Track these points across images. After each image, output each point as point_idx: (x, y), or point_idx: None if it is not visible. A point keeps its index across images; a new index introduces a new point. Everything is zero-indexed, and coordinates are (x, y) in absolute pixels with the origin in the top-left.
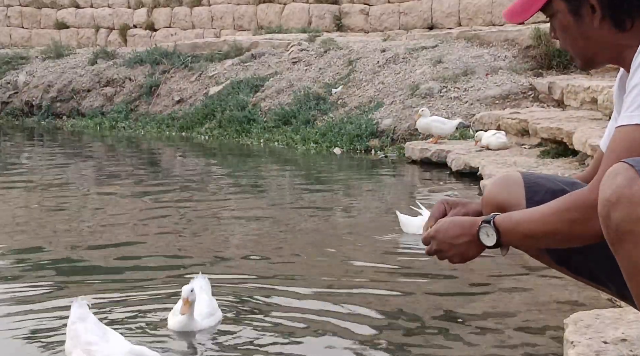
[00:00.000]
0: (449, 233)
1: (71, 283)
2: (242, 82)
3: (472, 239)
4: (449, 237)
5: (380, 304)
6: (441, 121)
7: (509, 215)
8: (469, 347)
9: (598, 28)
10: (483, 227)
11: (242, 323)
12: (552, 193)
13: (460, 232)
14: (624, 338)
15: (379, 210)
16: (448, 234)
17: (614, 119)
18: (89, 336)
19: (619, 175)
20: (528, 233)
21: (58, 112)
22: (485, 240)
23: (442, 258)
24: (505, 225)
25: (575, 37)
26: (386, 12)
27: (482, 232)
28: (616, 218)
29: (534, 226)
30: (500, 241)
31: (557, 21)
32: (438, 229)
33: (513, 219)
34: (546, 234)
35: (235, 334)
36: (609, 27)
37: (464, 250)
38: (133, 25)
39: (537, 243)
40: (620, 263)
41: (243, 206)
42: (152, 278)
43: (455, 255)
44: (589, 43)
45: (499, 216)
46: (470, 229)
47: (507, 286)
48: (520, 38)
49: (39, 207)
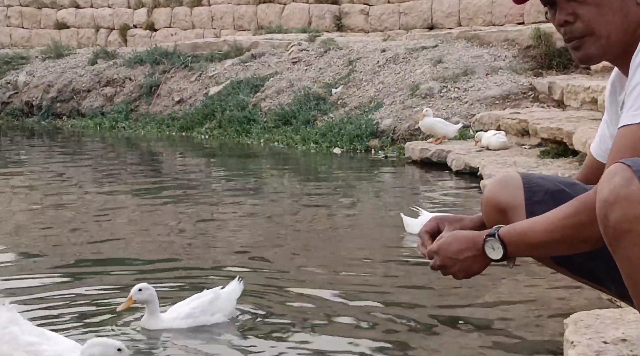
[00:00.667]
0: (451, 248)
1: (67, 283)
2: (242, 82)
3: (478, 253)
4: (452, 252)
5: (380, 303)
6: (444, 122)
7: (513, 227)
8: (468, 347)
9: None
10: (488, 241)
11: (241, 322)
12: (551, 193)
13: (465, 246)
14: (624, 338)
15: (379, 210)
16: (451, 250)
17: (604, 122)
18: (29, 338)
19: (616, 175)
20: (535, 243)
21: (58, 112)
22: (491, 254)
23: (446, 273)
24: (510, 237)
25: (614, 11)
26: (386, 12)
27: (487, 246)
28: (614, 218)
29: (540, 236)
30: (507, 254)
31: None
32: (440, 245)
33: (517, 230)
34: (553, 242)
35: (235, 333)
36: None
37: (469, 265)
38: (133, 26)
39: (544, 251)
40: (619, 262)
41: (243, 205)
42: (149, 277)
43: (460, 270)
44: (625, 21)
45: (503, 229)
46: (475, 243)
47: (507, 286)
48: (520, 38)
49: (38, 207)
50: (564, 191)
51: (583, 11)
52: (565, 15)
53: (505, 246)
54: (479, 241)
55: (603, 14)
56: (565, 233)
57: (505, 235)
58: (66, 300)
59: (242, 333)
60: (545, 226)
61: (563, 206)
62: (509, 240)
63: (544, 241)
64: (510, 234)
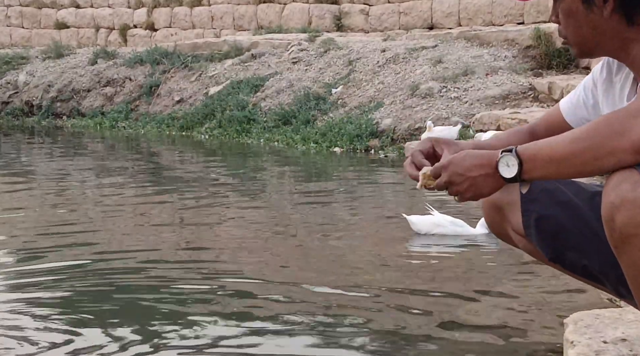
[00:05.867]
0: (465, 164)
1: (66, 283)
2: (242, 82)
3: (490, 171)
4: (464, 168)
5: (379, 303)
6: (446, 129)
7: (533, 142)
8: (468, 347)
9: (607, 19)
10: (504, 156)
11: (242, 320)
12: (547, 191)
13: (478, 162)
14: (624, 338)
15: (379, 210)
16: (464, 165)
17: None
18: None
19: (623, 180)
20: (555, 156)
21: (58, 112)
22: (504, 171)
23: (454, 192)
24: (528, 152)
25: (580, 25)
26: (386, 12)
27: (502, 162)
28: (620, 221)
29: (562, 147)
30: (521, 172)
31: (563, 4)
32: (452, 159)
33: (538, 144)
34: (577, 153)
35: (234, 333)
36: (619, 19)
37: (480, 184)
38: (133, 25)
39: (564, 168)
40: (623, 265)
41: (243, 204)
42: (149, 276)
43: (468, 189)
44: (594, 33)
45: (522, 145)
46: (489, 160)
47: (507, 286)
48: (520, 38)
49: (38, 207)
50: (559, 189)
51: (561, 17)
52: (554, 16)
53: (521, 163)
54: (494, 158)
55: (569, 25)
56: (593, 142)
57: (524, 151)
58: (64, 298)
59: (243, 333)
60: (570, 136)
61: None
62: (527, 156)
63: (566, 152)
64: (528, 148)
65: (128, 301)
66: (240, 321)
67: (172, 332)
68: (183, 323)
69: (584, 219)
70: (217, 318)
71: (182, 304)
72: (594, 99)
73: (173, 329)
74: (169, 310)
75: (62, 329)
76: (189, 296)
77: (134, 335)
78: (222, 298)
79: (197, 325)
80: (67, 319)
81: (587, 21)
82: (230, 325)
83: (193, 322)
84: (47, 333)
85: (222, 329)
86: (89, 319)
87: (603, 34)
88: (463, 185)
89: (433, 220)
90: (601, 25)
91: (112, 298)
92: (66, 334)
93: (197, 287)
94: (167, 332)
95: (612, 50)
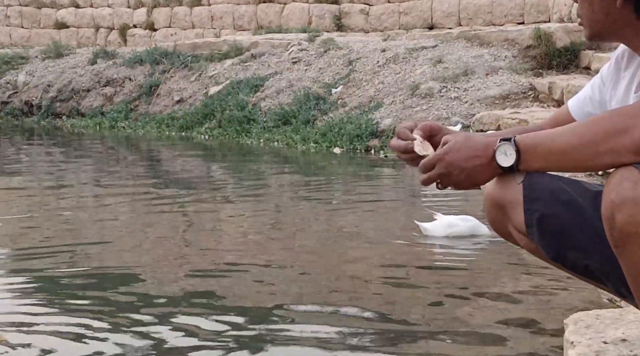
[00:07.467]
0: (461, 155)
1: (65, 284)
2: (242, 82)
3: (487, 161)
4: (461, 159)
5: (379, 303)
6: None
7: (533, 133)
8: (468, 347)
9: (619, 8)
10: (502, 145)
11: (242, 320)
12: (550, 191)
13: (474, 153)
14: (624, 338)
15: (379, 210)
16: (460, 157)
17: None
18: None
19: (624, 178)
20: (555, 148)
21: (58, 112)
22: (501, 160)
23: (447, 184)
24: (527, 141)
25: (593, 9)
26: (386, 12)
27: (499, 150)
28: (620, 220)
29: (562, 140)
30: (519, 162)
31: None
32: (448, 150)
33: (538, 134)
34: (578, 146)
35: (234, 333)
36: (630, 10)
37: (476, 173)
38: (133, 25)
39: (563, 161)
40: (623, 265)
41: (243, 206)
42: (149, 277)
43: (465, 179)
44: (606, 19)
45: (521, 135)
46: (486, 149)
47: (507, 286)
48: (520, 38)
49: (38, 207)
50: (564, 189)
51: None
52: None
53: (519, 153)
54: (491, 147)
55: (584, 7)
56: (594, 138)
57: (523, 140)
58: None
59: (243, 333)
60: (572, 130)
61: (594, 116)
62: (526, 146)
63: (566, 146)
64: (528, 138)
65: (127, 301)
66: (240, 321)
67: (173, 332)
68: (182, 325)
69: (587, 219)
70: (217, 319)
71: (181, 305)
72: (601, 95)
73: (172, 330)
74: (168, 311)
75: (56, 332)
76: (190, 296)
77: (133, 338)
78: (221, 299)
79: (196, 327)
80: (61, 321)
81: (601, 7)
82: (230, 325)
83: (193, 323)
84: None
85: (222, 329)
86: (88, 319)
87: (614, 22)
88: (460, 176)
89: (445, 222)
90: (613, 13)
91: (110, 299)
92: (63, 339)
93: (197, 286)
94: (166, 333)
95: (623, 38)
